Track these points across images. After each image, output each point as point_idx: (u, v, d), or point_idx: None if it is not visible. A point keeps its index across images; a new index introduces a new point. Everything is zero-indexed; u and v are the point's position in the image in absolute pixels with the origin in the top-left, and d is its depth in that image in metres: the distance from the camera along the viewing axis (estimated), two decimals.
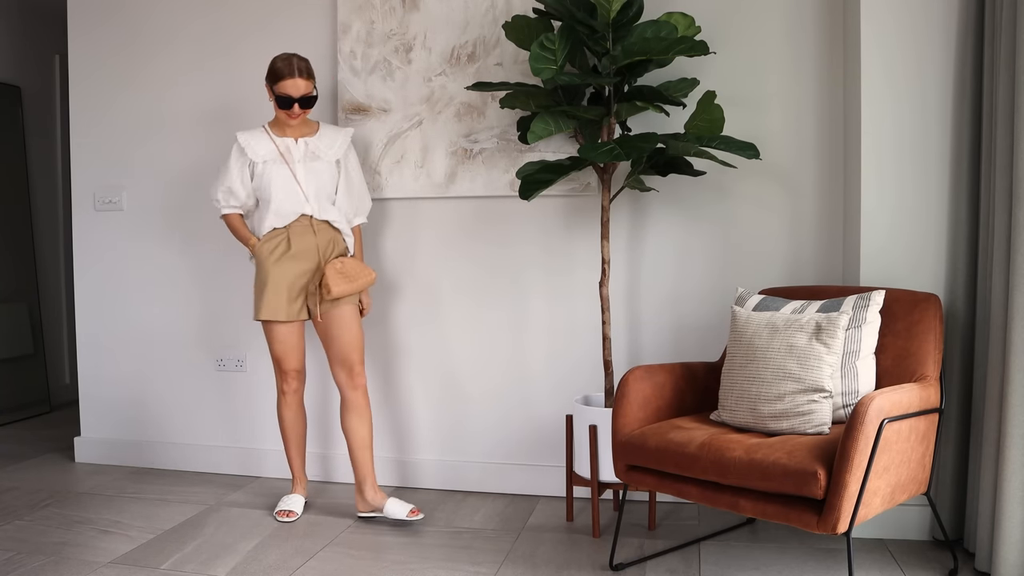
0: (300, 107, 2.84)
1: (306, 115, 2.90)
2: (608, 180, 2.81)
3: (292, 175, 2.88)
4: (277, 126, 2.94)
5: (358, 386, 2.93)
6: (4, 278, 4.58)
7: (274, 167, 2.88)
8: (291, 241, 2.88)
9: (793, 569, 2.49)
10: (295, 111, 2.84)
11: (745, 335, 2.42)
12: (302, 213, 2.89)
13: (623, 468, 2.43)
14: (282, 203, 2.87)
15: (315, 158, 2.92)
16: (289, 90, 2.81)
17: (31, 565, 2.55)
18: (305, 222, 2.89)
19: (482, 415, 3.31)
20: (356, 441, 2.94)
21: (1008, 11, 2.29)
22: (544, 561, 2.58)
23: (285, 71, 2.80)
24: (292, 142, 2.91)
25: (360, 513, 2.99)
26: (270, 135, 2.92)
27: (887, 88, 2.67)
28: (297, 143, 2.92)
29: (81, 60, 3.69)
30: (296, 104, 2.83)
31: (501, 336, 3.27)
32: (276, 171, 2.88)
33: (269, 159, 2.89)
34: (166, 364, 3.65)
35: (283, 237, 2.88)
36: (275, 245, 2.88)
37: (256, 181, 2.91)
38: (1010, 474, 2.25)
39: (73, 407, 4.88)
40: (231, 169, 2.92)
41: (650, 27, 2.74)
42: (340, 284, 2.83)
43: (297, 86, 2.81)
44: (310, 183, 2.89)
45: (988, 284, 2.46)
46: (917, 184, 2.66)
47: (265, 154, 2.89)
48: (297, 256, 2.88)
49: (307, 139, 2.93)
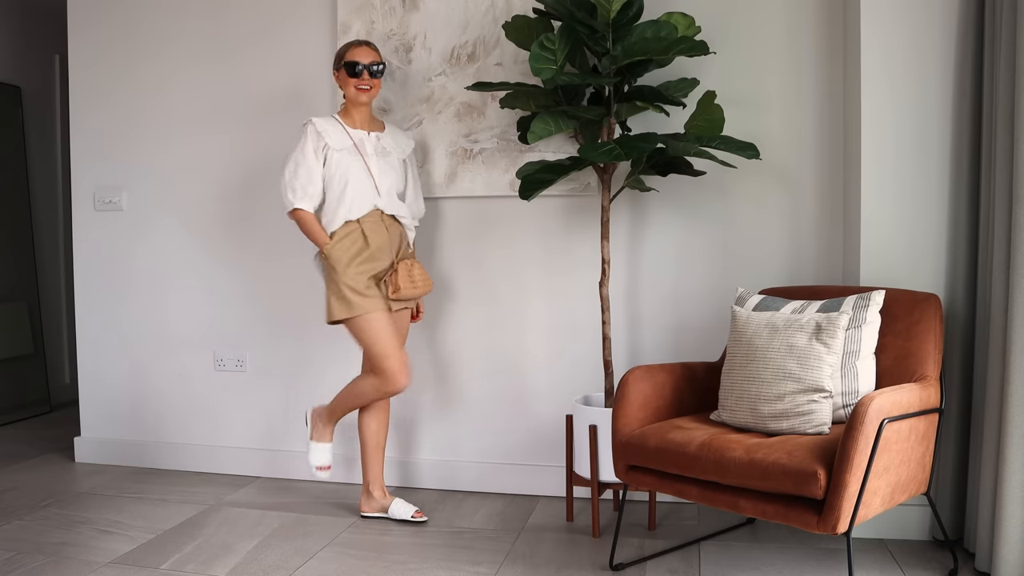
0: (370, 75, 2.81)
1: (377, 88, 2.85)
2: (608, 180, 2.81)
3: (367, 167, 2.82)
4: (349, 117, 2.87)
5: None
6: (4, 278, 4.58)
7: (349, 157, 2.80)
8: (367, 237, 2.79)
9: (793, 569, 2.49)
10: (365, 79, 2.80)
11: (745, 335, 2.42)
12: (375, 206, 2.82)
13: (623, 468, 2.43)
14: (357, 195, 2.79)
15: (386, 153, 2.88)
16: (358, 56, 2.80)
17: (31, 565, 2.55)
18: (377, 216, 2.83)
19: (482, 415, 3.31)
20: (373, 441, 2.94)
21: (1008, 11, 2.29)
22: (544, 561, 2.58)
23: (351, 43, 2.84)
24: (365, 135, 2.86)
25: (364, 513, 2.99)
26: (343, 125, 2.85)
27: (887, 88, 2.67)
28: (369, 136, 2.87)
29: (81, 60, 3.69)
30: (366, 71, 2.80)
31: (501, 336, 3.27)
32: (352, 163, 2.80)
33: (345, 148, 2.81)
34: (166, 364, 3.65)
35: (357, 233, 2.79)
36: (351, 243, 2.79)
37: (327, 170, 2.80)
38: (1010, 474, 2.25)
39: (73, 407, 4.88)
40: (308, 156, 2.78)
41: (650, 27, 2.73)
42: (408, 287, 2.81)
43: (365, 53, 2.81)
44: (383, 177, 2.84)
45: (988, 284, 2.46)
46: (917, 184, 2.66)
47: (340, 142, 2.81)
48: (374, 255, 2.81)
49: (378, 134, 2.90)
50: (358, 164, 2.81)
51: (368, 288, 2.78)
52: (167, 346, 3.64)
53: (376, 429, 2.95)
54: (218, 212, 3.53)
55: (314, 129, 2.79)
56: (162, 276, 3.63)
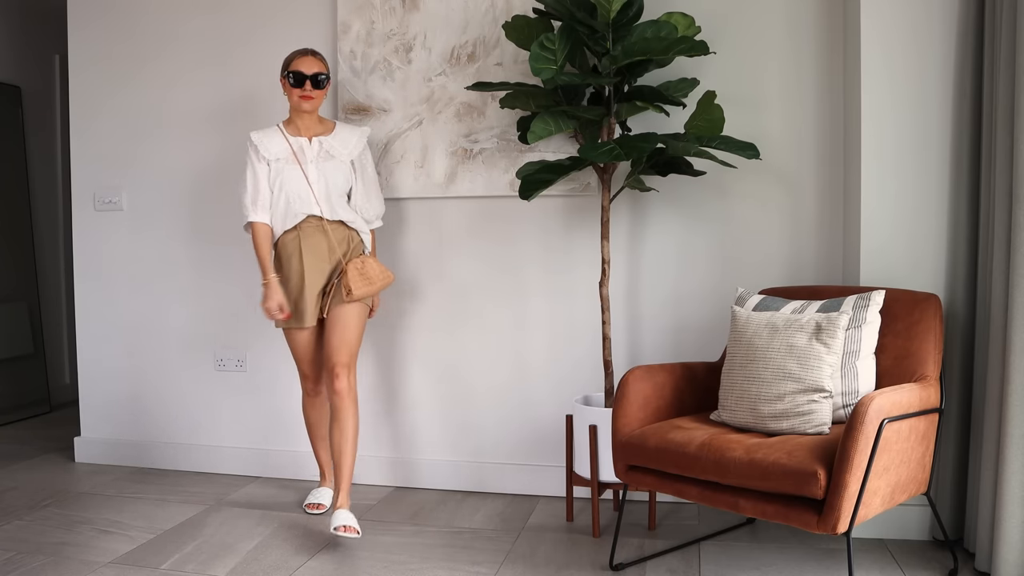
0: (312, 85, 2.80)
1: (320, 98, 2.85)
2: (608, 180, 2.81)
3: (304, 175, 2.83)
4: (291, 125, 2.89)
5: (337, 390, 2.79)
6: (4, 278, 4.58)
7: (286, 167, 2.83)
8: (301, 244, 2.83)
9: (793, 569, 2.49)
10: (307, 89, 2.80)
11: (745, 335, 2.42)
12: (310, 214, 2.83)
13: (623, 468, 2.43)
14: (291, 204, 2.82)
15: (329, 157, 2.87)
16: (301, 67, 2.80)
17: (31, 565, 2.55)
18: (315, 223, 2.84)
19: (482, 415, 3.31)
20: (332, 446, 2.82)
21: (1008, 11, 2.29)
22: (544, 561, 2.58)
23: (297, 52, 2.84)
24: (306, 142, 2.87)
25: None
26: (284, 134, 2.87)
27: (887, 88, 2.67)
28: (311, 143, 2.87)
29: (81, 60, 3.69)
30: (308, 81, 2.79)
31: (501, 336, 3.27)
32: (288, 171, 2.83)
33: (282, 158, 2.84)
34: (166, 364, 3.65)
35: (295, 245, 2.84)
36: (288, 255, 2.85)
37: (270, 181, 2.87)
38: (1010, 474, 2.25)
39: (73, 407, 4.88)
40: (254, 167, 2.85)
41: (650, 27, 2.73)
42: (361, 286, 2.79)
43: (309, 63, 2.81)
44: (320, 183, 2.84)
45: (988, 284, 2.46)
46: (917, 184, 2.66)
47: (278, 152, 2.84)
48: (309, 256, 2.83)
49: (321, 138, 2.88)
50: (295, 172, 2.83)
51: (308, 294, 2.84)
52: (167, 346, 3.64)
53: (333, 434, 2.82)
54: (218, 212, 3.53)
55: (252, 145, 2.86)
56: (162, 276, 3.63)
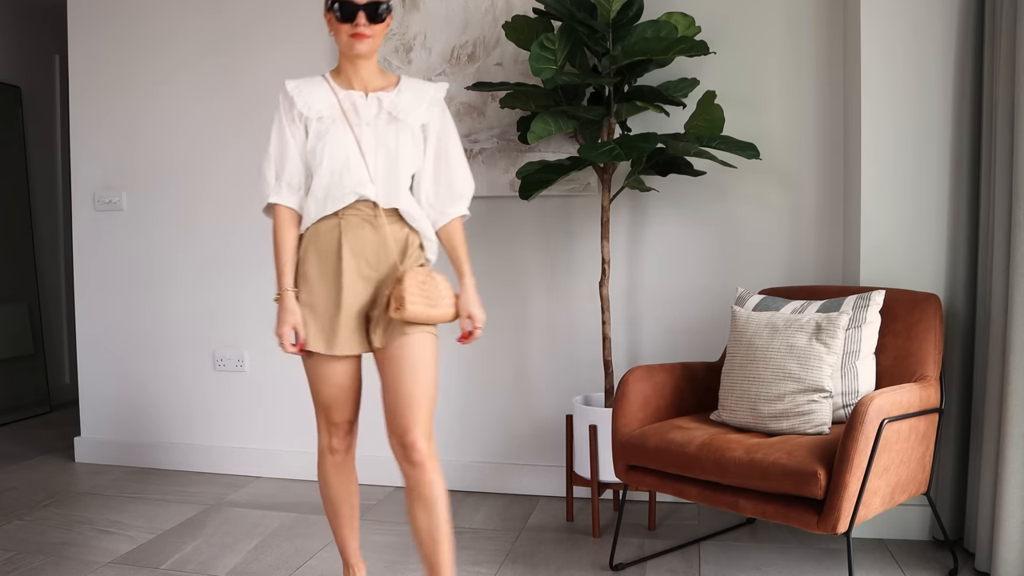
0: (368, 18, 1.98)
1: (380, 36, 2.04)
2: (608, 180, 2.81)
3: (355, 140, 2.03)
4: (341, 75, 2.10)
5: (416, 462, 1.98)
6: (4, 278, 4.58)
7: (332, 128, 2.03)
8: (342, 238, 2.02)
9: (793, 569, 2.49)
10: (361, 23, 1.98)
11: (745, 335, 2.42)
12: (361, 196, 2.02)
13: (623, 468, 2.43)
14: (335, 179, 2.01)
15: (392, 120, 2.06)
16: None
17: (31, 565, 2.55)
18: (364, 210, 2.03)
19: (482, 415, 3.31)
20: (420, 536, 2.02)
21: (1008, 11, 2.29)
22: (544, 561, 2.58)
23: None
24: (360, 96, 2.06)
25: None
26: (331, 84, 2.09)
27: (887, 88, 2.67)
28: (368, 98, 2.06)
29: (81, 60, 3.69)
30: (362, 12, 1.97)
31: (501, 336, 3.27)
32: (334, 134, 2.02)
33: (326, 116, 2.04)
34: (166, 364, 3.64)
35: (333, 237, 2.03)
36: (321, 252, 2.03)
37: (308, 146, 2.06)
38: (1010, 474, 2.25)
39: (73, 407, 4.88)
40: (282, 130, 2.07)
41: (650, 27, 2.73)
42: (418, 302, 1.95)
43: None
44: (379, 154, 2.04)
45: (988, 284, 2.46)
46: (917, 184, 2.66)
47: (321, 109, 2.05)
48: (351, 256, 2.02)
49: (382, 94, 2.08)
50: (343, 136, 2.03)
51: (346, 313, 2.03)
52: (167, 346, 3.64)
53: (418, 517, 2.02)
54: (218, 212, 3.53)
55: (286, 98, 2.08)
56: (162, 276, 3.63)
